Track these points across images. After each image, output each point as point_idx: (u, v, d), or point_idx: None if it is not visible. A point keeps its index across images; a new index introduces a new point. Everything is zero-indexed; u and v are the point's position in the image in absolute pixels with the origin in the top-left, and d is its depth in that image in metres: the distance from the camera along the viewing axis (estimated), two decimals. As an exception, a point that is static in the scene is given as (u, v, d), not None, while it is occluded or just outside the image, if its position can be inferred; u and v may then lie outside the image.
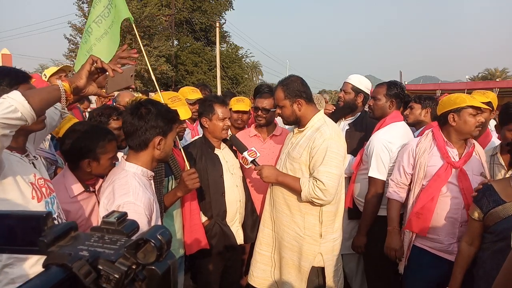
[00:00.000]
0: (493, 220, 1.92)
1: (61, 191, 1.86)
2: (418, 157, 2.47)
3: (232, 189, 2.70)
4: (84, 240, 0.52)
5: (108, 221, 0.54)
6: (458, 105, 2.35)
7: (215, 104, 2.67)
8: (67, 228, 0.53)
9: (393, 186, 2.62)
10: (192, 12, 30.75)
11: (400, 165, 2.58)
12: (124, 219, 0.55)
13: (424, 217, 2.39)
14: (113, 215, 0.55)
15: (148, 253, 0.51)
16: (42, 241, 0.50)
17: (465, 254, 2.09)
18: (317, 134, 2.36)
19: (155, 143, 1.77)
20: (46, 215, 0.53)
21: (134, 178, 1.72)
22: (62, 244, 0.51)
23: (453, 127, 2.39)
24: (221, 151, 2.76)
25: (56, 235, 0.51)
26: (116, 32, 2.34)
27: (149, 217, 1.68)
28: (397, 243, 2.52)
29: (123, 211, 0.57)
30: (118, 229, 0.53)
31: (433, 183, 2.39)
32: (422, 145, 2.49)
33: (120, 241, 0.52)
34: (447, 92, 11.03)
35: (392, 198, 2.61)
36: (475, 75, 50.97)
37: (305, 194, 2.33)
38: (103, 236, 0.53)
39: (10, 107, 1.23)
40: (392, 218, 2.59)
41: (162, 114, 1.78)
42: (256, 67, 50.92)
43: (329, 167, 2.29)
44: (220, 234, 2.62)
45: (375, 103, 2.96)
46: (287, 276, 2.50)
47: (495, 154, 2.62)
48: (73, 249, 0.49)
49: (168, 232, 0.54)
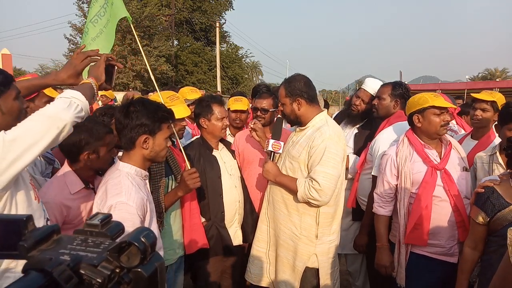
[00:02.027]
0: (501, 224, 1.87)
1: (62, 188, 1.88)
2: (401, 167, 2.40)
3: (231, 190, 2.69)
4: (66, 244, 0.50)
5: (91, 224, 0.53)
6: (421, 105, 2.34)
7: (213, 104, 2.66)
8: (48, 232, 0.51)
9: (378, 201, 2.54)
10: (192, 12, 30.75)
11: (383, 178, 2.50)
12: (109, 221, 0.54)
13: (422, 227, 2.33)
14: (97, 217, 0.54)
15: (132, 256, 0.49)
16: (22, 245, 0.48)
17: (469, 259, 2.04)
18: (317, 133, 2.35)
19: (141, 142, 1.75)
20: (26, 218, 0.51)
21: (127, 178, 1.71)
22: (44, 248, 0.49)
23: (419, 128, 2.38)
24: (219, 152, 2.75)
25: (37, 239, 0.49)
26: (111, 31, 2.33)
27: (142, 217, 1.66)
28: (387, 259, 2.46)
29: (108, 213, 0.55)
30: (102, 231, 0.52)
31: (423, 191, 2.33)
32: (402, 153, 2.42)
33: (104, 244, 0.50)
34: (447, 92, 11.00)
35: (379, 214, 2.53)
36: (475, 75, 51.00)
37: (301, 194, 2.32)
38: (87, 239, 0.52)
39: (78, 108, 1.40)
40: (381, 234, 2.50)
41: (149, 112, 1.75)
42: (256, 67, 50.97)
43: (326, 168, 2.27)
44: (217, 236, 2.62)
45: (380, 103, 2.95)
46: (282, 274, 2.50)
47: (494, 154, 2.60)
48: (54, 253, 0.48)
49: (153, 234, 0.53)
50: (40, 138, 1.31)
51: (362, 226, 2.88)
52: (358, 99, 3.19)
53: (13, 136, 1.27)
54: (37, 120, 1.33)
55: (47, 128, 1.32)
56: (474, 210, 2.02)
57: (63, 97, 1.41)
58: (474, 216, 2.00)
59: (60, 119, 1.35)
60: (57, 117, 1.34)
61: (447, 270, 2.32)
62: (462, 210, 2.32)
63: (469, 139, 3.04)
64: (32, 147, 1.29)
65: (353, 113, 3.23)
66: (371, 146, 2.88)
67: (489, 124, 2.94)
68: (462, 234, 2.31)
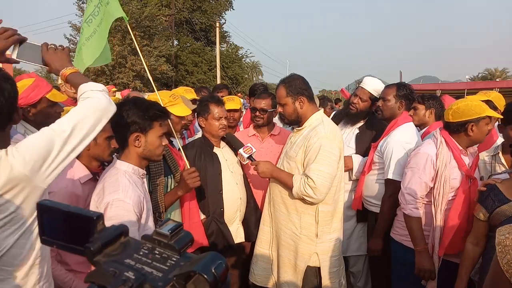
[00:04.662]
0: (499, 219, 1.90)
1: (71, 176, 1.94)
2: (441, 170, 2.30)
3: (232, 187, 2.69)
4: (132, 252, 0.49)
5: (161, 233, 0.51)
6: (478, 115, 2.23)
7: (211, 104, 2.70)
8: (116, 234, 0.50)
9: (413, 203, 2.37)
10: (192, 12, 30.73)
11: (420, 178, 2.35)
12: (179, 232, 0.52)
13: (458, 235, 2.28)
14: (167, 226, 0.52)
15: (199, 284, 0.47)
16: (89, 248, 0.47)
17: (471, 255, 2.06)
18: (312, 132, 2.37)
19: (132, 140, 1.77)
20: (97, 217, 0.50)
21: (124, 176, 1.72)
22: (110, 251, 0.48)
23: (469, 137, 2.28)
24: (220, 149, 2.77)
25: (103, 241, 0.48)
26: (104, 30, 2.30)
27: (139, 215, 1.68)
28: (430, 262, 2.33)
29: (178, 222, 0.53)
30: (170, 243, 0.50)
31: (459, 199, 2.29)
32: (443, 157, 2.31)
33: (171, 260, 0.48)
34: (447, 92, 10.98)
35: (415, 216, 2.37)
36: (475, 75, 50.96)
37: (296, 190, 2.34)
38: (154, 248, 0.50)
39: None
40: (419, 237, 2.35)
41: (139, 111, 1.77)
42: (256, 67, 50.96)
43: (320, 166, 2.29)
44: (217, 232, 2.62)
45: (385, 104, 2.90)
46: (284, 275, 2.51)
47: (497, 154, 2.59)
48: (118, 265, 0.46)
49: (224, 263, 0.51)
50: (94, 128, 1.38)
51: (377, 230, 2.78)
52: (356, 98, 3.15)
53: (71, 128, 1.31)
54: (89, 113, 1.38)
55: (99, 119, 1.40)
56: (476, 207, 2.05)
57: (96, 89, 1.45)
58: (476, 213, 2.04)
59: (109, 110, 1.44)
60: (107, 109, 1.43)
61: (450, 270, 2.32)
62: None
63: None
64: (86, 138, 1.36)
65: (351, 112, 3.19)
66: (380, 147, 2.83)
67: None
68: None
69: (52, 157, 1.26)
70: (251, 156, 2.60)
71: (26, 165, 1.21)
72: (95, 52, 2.29)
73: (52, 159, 1.27)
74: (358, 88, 3.24)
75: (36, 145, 1.25)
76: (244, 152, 2.60)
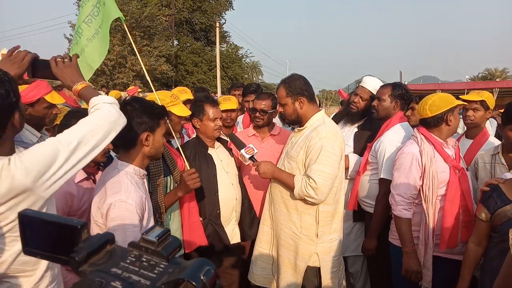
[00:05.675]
0: (500, 220, 1.90)
1: None
2: (428, 166, 2.32)
3: (227, 187, 2.68)
4: (119, 260, 0.47)
5: (147, 239, 0.50)
6: (452, 104, 2.34)
7: (206, 105, 2.67)
8: (101, 242, 0.49)
9: (402, 203, 2.38)
10: (192, 12, 30.73)
11: (408, 178, 2.36)
12: (166, 238, 0.51)
13: (454, 229, 2.29)
14: (154, 233, 0.51)
15: None
16: (73, 258, 0.46)
17: (473, 254, 2.06)
18: (314, 133, 2.36)
19: (143, 139, 1.77)
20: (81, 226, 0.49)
21: (126, 177, 1.71)
22: (95, 261, 0.47)
23: (449, 127, 2.37)
24: (215, 150, 2.74)
25: (88, 251, 0.47)
26: (106, 31, 2.30)
27: (141, 215, 1.67)
28: (417, 263, 2.35)
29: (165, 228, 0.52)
30: (157, 250, 0.49)
31: (451, 191, 2.30)
32: (427, 152, 2.34)
33: (159, 267, 0.47)
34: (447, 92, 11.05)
35: (404, 217, 2.37)
36: (475, 75, 50.98)
37: (297, 191, 2.34)
38: (141, 256, 0.49)
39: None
40: (408, 238, 2.36)
41: (147, 110, 1.78)
42: (256, 67, 50.97)
43: (322, 166, 2.28)
44: (214, 234, 2.60)
45: (380, 104, 2.91)
46: (284, 274, 2.50)
47: (496, 154, 2.58)
48: (105, 275, 0.44)
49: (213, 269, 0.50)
50: (102, 141, 1.36)
51: (371, 229, 2.79)
52: (357, 97, 3.17)
53: (78, 140, 1.30)
54: (98, 125, 1.36)
55: (108, 131, 1.38)
56: (478, 207, 2.05)
57: (107, 102, 1.43)
58: (478, 213, 2.04)
59: (119, 123, 1.42)
60: (117, 122, 1.41)
61: (451, 268, 2.31)
62: (471, 210, 2.32)
63: (464, 139, 3.07)
64: (93, 151, 1.35)
65: (352, 111, 3.21)
66: (374, 147, 2.84)
67: (482, 122, 2.98)
68: (464, 235, 2.30)
69: (55, 168, 1.25)
70: (252, 156, 2.59)
71: (28, 175, 1.20)
72: (100, 54, 2.30)
73: (55, 170, 1.25)
74: (358, 87, 3.26)
75: (40, 155, 1.24)
76: (246, 152, 2.59)
